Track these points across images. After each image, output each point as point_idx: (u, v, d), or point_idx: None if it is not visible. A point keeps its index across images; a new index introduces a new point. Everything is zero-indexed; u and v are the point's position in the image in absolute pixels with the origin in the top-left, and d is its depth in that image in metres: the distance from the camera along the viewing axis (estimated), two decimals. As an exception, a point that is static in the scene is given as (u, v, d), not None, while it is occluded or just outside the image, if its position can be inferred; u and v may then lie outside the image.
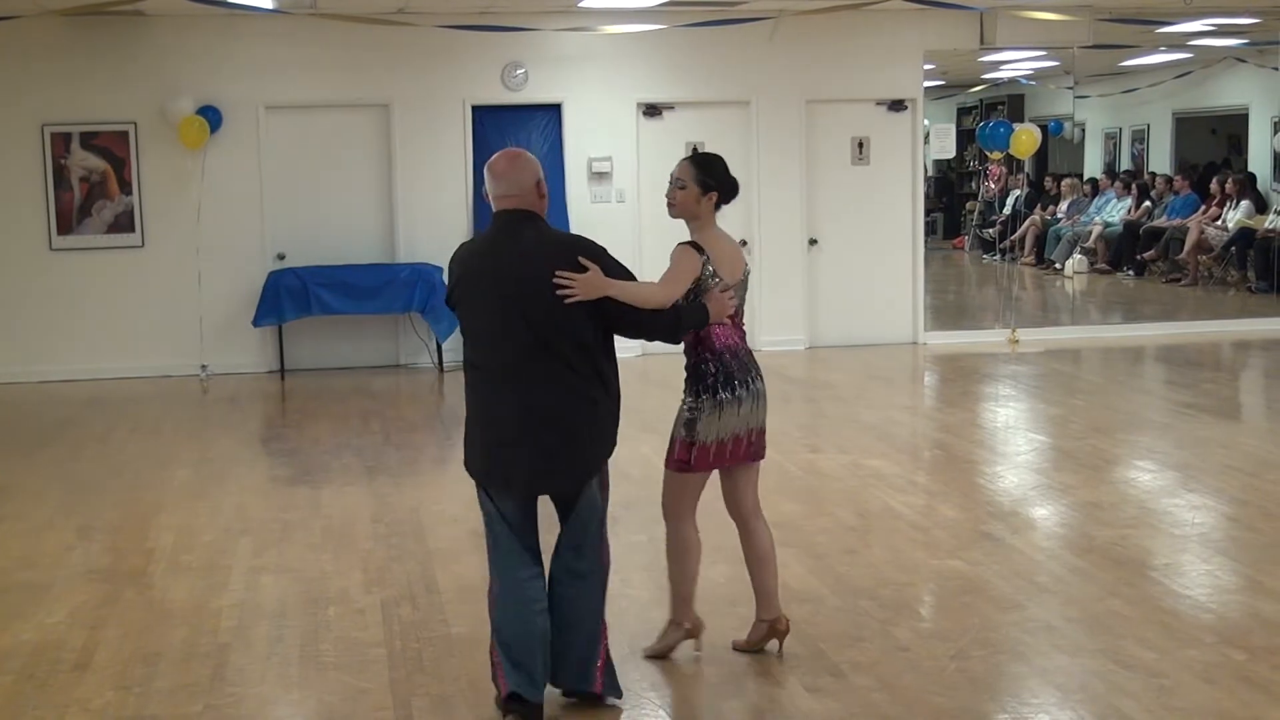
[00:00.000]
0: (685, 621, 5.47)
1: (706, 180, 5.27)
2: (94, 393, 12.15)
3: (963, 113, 21.24)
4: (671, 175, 5.32)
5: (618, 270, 4.87)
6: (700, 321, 5.17)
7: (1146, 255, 18.23)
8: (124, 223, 12.84)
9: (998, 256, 17.63)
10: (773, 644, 5.53)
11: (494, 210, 4.93)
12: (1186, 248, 17.66)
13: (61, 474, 9.20)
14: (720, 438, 5.26)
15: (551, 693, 4.99)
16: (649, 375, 11.63)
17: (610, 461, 5.03)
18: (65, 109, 12.66)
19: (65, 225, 12.77)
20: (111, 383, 12.58)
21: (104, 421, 10.91)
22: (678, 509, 5.39)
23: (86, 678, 5.43)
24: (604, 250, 4.86)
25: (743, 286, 5.38)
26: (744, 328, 5.41)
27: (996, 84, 20.55)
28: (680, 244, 5.23)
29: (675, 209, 5.32)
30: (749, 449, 5.38)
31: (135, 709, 5.13)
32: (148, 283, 12.89)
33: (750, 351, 5.41)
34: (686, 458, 5.28)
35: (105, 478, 9.01)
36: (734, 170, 5.42)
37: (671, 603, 5.50)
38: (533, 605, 4.89)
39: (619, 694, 5.05)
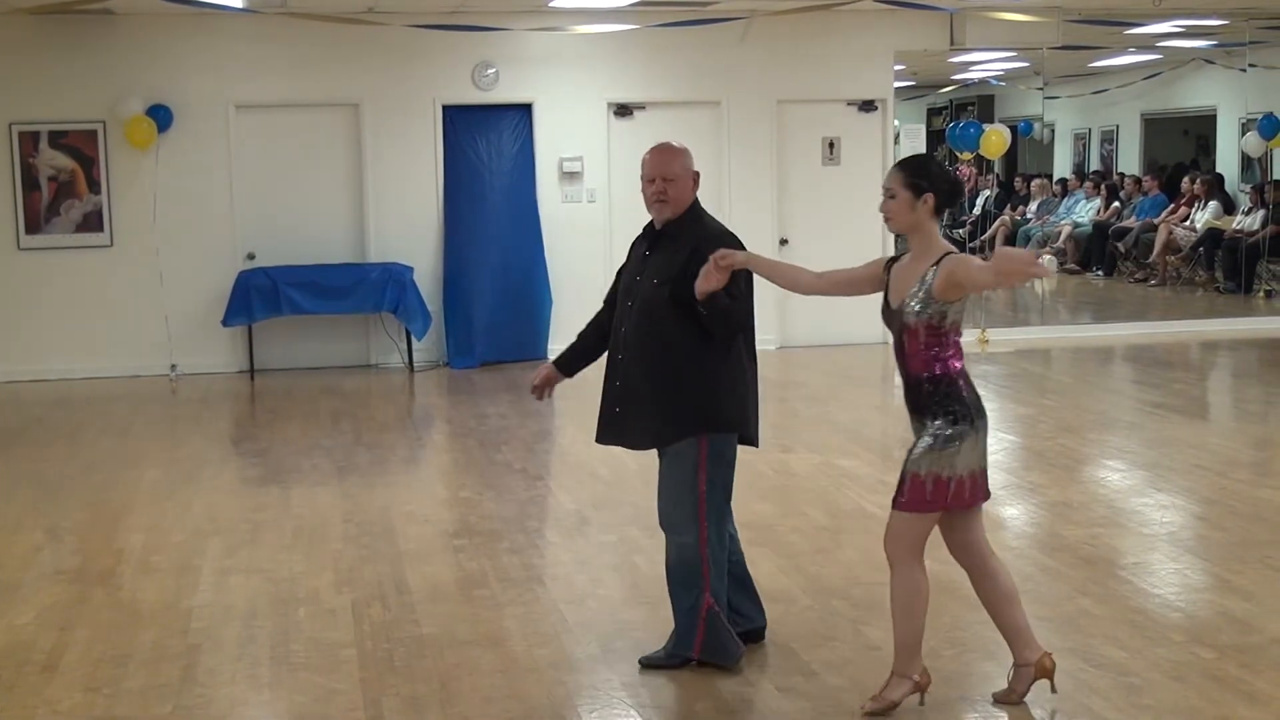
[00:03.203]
0: (914, 674, 4.86)
1: (917, 182, 4.74)
2: (63, 393, 12.08)
3: (933, 113, 21.35)
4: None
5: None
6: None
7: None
8: (93, 222, 12.76)
9: (968, 257, 17.67)
10: (1043, 684, 4.95)
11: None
12: (1156, 248, 17.76)
13: (30, 474, 9.14)
14: (972, 470, 4.74)
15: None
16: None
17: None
18: (33, 108, 12.57)
19: (33, 225, 12.68)
20: (81, 383, 12.51)
21: (73, 421, 10.85)
22: (913, 551, 4.79)
23: (55, 679, 5.40)
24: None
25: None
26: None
27: (966, 85, 20.67)
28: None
29: (891, 222, 4.82)
30: (984, 489, 4.84)
31: (104, 710, 5.10)
32: (117, 282, 12.81)
33: None
34: (932, 494, 4.71)
35: (74, 478, 8.95)
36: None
37: (897, 654, 4.87)
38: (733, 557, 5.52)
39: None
